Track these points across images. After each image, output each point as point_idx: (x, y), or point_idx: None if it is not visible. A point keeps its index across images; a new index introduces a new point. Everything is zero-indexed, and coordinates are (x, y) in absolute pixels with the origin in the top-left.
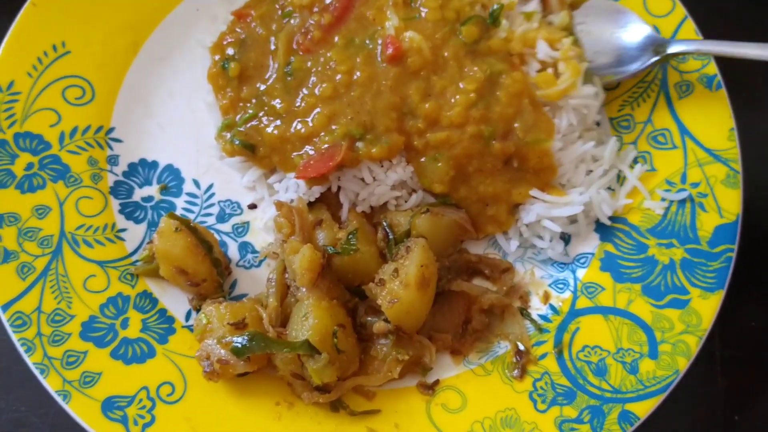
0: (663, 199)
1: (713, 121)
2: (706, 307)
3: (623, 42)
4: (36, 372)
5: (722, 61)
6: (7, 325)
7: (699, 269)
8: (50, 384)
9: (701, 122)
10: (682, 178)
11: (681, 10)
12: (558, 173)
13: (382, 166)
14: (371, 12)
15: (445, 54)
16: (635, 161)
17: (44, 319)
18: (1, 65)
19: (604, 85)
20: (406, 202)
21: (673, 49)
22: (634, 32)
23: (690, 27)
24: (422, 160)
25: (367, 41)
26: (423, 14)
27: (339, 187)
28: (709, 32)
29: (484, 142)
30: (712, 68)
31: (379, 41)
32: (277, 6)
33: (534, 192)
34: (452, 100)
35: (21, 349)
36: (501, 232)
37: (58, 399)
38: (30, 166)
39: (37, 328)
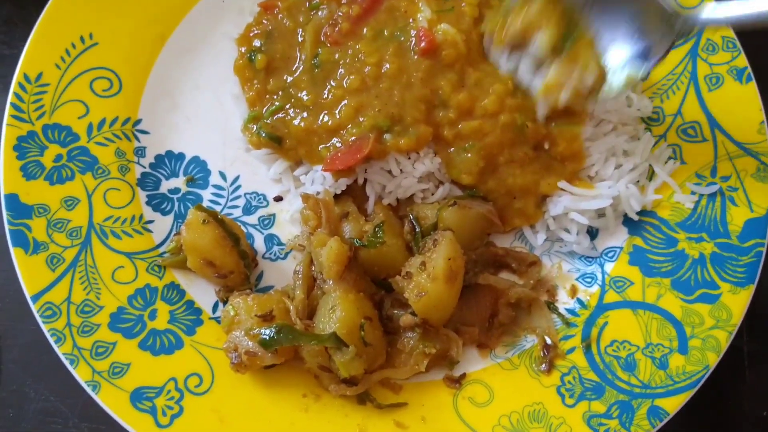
0: (693, 193)
1: (743, 114)
2: (737, 302)
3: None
4: (66, 362)
5: (752, 54)
6: (37, 315)
7: (729, 264)
8: (80, 374)
9: (731, 115)
10: (712, 171)
11: (711, 2)
12: (586, 163)
13: (409, 158)
14: (403, 4)
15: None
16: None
17: (74, 309)
18: (29, 57)
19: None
20: (432, 194)
21: (703, 18)
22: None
23: None
24: (451, 150)
25: (398, 33)
26: (463, 6)
27: (365, 180)
28: None
29: (517, 130)
30: (742, 60)
31: (412, 33)
32: None
33: (562, 184)
34: (490, 90)
35: (51, 340)
36: (528, 225)
37: (88, 389)
38: (59, 157)
39: (67, 319)
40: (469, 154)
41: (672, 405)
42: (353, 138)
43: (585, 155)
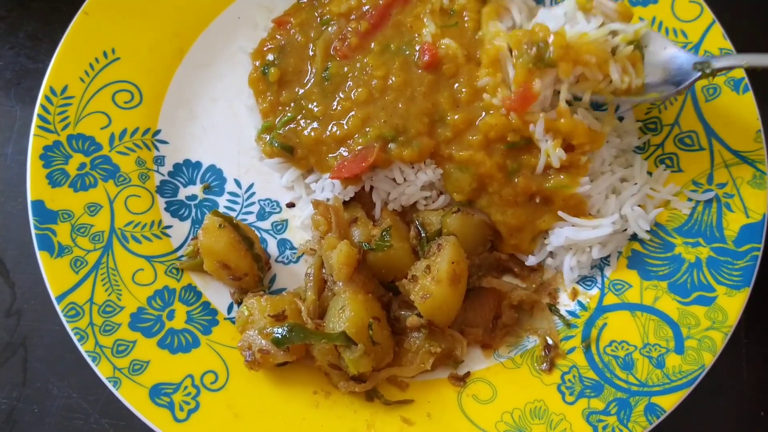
0: (690, 199)
1: (740, 124)
2: (732, 304)
3: (676, 59)
4: (88, 359)
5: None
6: (61, 315)
7: (725, 267)
8: (102, 371)
9: (728, 124)
10: (709, 178)
11: (709, 15)
12: (588, 206)
13: (412, 168)
14: (409, 19)
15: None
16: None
17: (96, 310)
18: (55, 71)
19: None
20: (434, 202)
21: (717, 64)
22: (680, 52)
23: (718, 31)
24: (447, 166)
25: (404, 48)
26: (466, 21)
27: (372, 187)
28: (735, 36)
29: (507, 175)
30: (740, 71)
31: (417, 48)
32: (316, 14)
33: (561, 213)
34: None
35: (74, 338)
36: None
37: (109, 385)
38: (82, 166)
39: (89, 319)
40: (463, 174)
41: (668, 402)
42: (359, 147)
43: (586, 201)
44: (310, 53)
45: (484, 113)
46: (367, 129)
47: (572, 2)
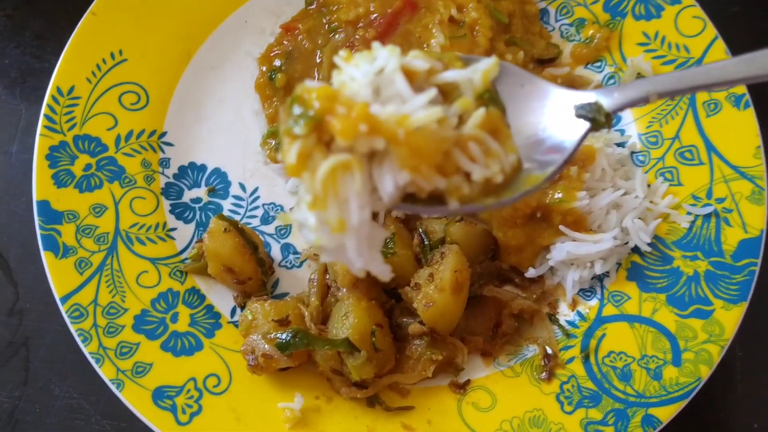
0: (689, 213)
1: (740, 139)
2: (729, 318)
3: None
4: (92, 361)
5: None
6: (65, 316)
7: (723, 281)
8: (105, 373)
9: (728, 140)
10: (708, 193)
11: (711, 30)
12: (589, 222)
13: None
14: (418, 29)
15: None
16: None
17: (100, 311)
18: (62, 71)
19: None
20: None
21: (610, 103)
22: (549, 87)
23: (720, 47)
24: None
25: None
26: (476, 35)
27: None
28: (738, 51)
29: None
30: (741, 88)
31: None
32: (324, 21)
33: (562, 228)
34: None
35: (78, 339)
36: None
37: (112, 387)
38: (88, 167)
39: (93, 320)
40: None
41: (665, 414)
42: None
43: (585, 217)
44: (318, 60)
45: None
46: None
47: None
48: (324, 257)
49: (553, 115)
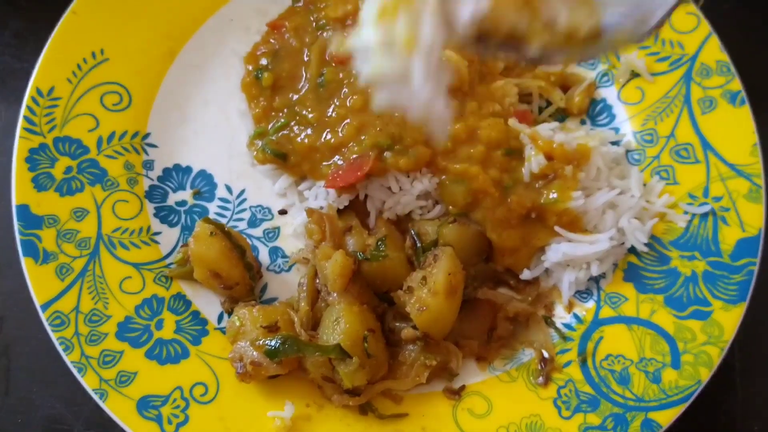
0: (685, 213)
1: (736, 137)
2: (728, 319)
3: None
4: (74, 370)
5: (747, 77)
6: (46, 324)
7: (721, 282)
8: (87, 382)
9: (724, 137)
10: (705, 192)
11: (706, 27)
12: (584, 222)
13: (408, 177)
14: None
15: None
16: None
17: (82, 319)
18: (41, 71)
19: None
20: (429, 212)
21: None
22: None
23: (715, 43)
24: (443, 177)
25: None
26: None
27: (366, 195)
28: (733, 48)
29: (503, 191)
30: (736, 84)
31: None
32: (311, 18)
33: (558, 228)
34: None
35: (59, 348)
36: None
37: (95, 397)
38: (69, 169)
39: (75, 328)
40: (458, 187)
41: (665, 418)
42: (354, 156)
43: (581, 218)
44: (305, 59)
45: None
46: (363, 137)
47: None
48: (379, 97)
49: None
